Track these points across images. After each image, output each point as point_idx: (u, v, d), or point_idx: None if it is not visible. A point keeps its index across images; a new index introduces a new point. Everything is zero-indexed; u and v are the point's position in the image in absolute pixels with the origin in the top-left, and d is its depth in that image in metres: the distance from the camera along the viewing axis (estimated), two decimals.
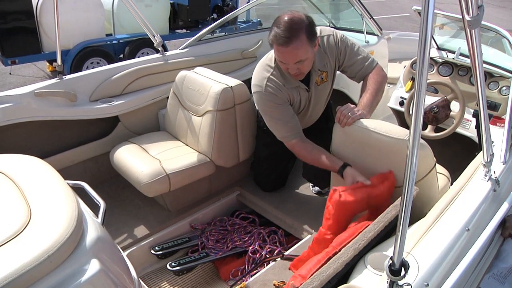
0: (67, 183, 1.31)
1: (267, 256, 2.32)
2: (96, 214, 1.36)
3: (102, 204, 1.47)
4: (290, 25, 1.85)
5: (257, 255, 2.34)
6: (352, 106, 1.87)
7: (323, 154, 2.02)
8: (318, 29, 2.13)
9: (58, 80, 2.63)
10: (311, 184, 2.78)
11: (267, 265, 2.23)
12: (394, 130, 1.76)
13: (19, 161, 1.39)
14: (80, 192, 1.43)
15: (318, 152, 2.04)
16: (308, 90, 2.21)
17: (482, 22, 1.59)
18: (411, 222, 1.59)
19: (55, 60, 2.69)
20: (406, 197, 1.03)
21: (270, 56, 2.15)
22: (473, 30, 1.37)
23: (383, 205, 1.65)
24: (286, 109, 2.13)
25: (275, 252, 2.35)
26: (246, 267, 2.31)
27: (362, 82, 2.18)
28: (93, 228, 1.17)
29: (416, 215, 1.61)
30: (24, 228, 1.06)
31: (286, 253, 2.28)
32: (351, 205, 1.68)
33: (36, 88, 2.51)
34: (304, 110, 2.32)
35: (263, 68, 2.15)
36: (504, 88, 2.75)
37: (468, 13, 1.29)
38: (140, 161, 2.48)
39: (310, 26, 1.90)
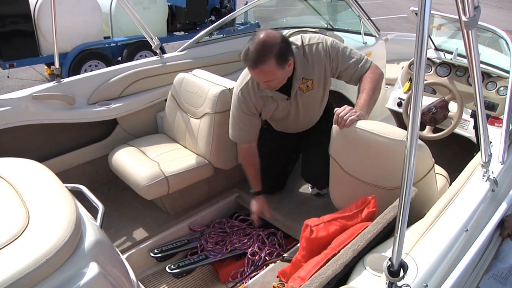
0: (66, 186, 1.31)
1: (266, 258, 2.32)
2: (95, 217, 1.36)
3: (100, 207, 1.46)
4: (261, 47, 1.89)
5: (256, 257, 2.34)
6: (350, 107, 1.87)
7: (256, 172, 2.40)
8: (306, 37, 2.16)
9: (56, 83, 2.62)
10: (309, 185, 2.77)
11: (266, 267, 2.23)
12: (392, 131, 1.76)
13: (17, 164, 1.38)
14: (78, 195, 1.43)
15: (254, 168, 2.39)
16: (288, 98, 2.22)
17: (479, 23, 1.60)
18: (410, 223, 1.60)
19: (53, 63, 2.68)
20: (404, 198, 1.03)
21: None
22: (470, 31, 1.37)
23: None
24: (249, 119, 2.25)
25: (274, 254, 2.35)
26: (246, 269, 2.31)
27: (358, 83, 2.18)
28: (92, 231, 1.17)
29: (415, 216, 1.61)
30: (23, 232, 1.06)
31: (285, 255, 2.28)
32: (323, 241, 1.66)
33: (34, 91, 2.51)
34: (293, 116, 2.34)
35: (245, 73, 2.21)
36: (502, 88, 2.76)
37: (464, 14, 1.30)
38: (138, 163, 2.48)
39: (282, 49, 1.93)
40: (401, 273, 1.07)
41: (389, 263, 1.07)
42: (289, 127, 2.48)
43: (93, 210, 1.40)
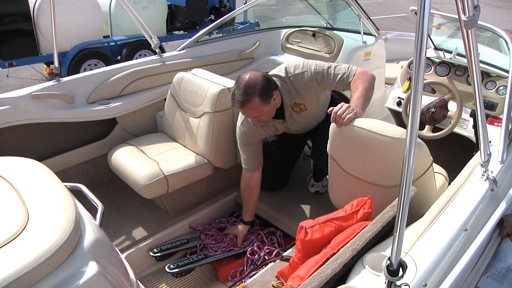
0: (65, 185, 1.31)
1: (266, 257, 2.32)
2: (94, 216, 1.36)
3: (100, 206, 1.46)
4: (245, 89, 2.07)
5: (256, 256, 2.34)
6: (346, 105, 1.88)
7: (249, 204, 2.47)
8: (291, 66, 2.25)
9: (56, 82, 2.62)
10: (309, 184, 2.78)
11: (265, 266, 2.23)
12: (390, 129, 1.76)
13: (16, 163, 1.38)
14: (77, 194, 1.43)
15: (249, 199, 2.47)
16: (284, 121, 2.37)
17: (479, 22, 1.59)
18: (409, 222, 1.60)
19: (53, 62, 2.68)
20: (404, 198, 1.03)
21: None
22: (469, 30, 1.37)
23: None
24: (250, 149, 2.41)
25: (274, 253, 2.35)
26: (245, 268, 2.31)
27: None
28: (91, 230, 1.17)
29: (414, 215, 1.61)
30: (22, 231, 1.06)
31: (284, 254, 2.28)
32: (318, 242, 1.66)
33: (33, 90, 2.50)
34: (295, 127, 2.45)
35: None
36: (501, 87, 2.76)
37: (464, 13, 1.30)
38: (138, 163, 2.48)
39: (264, 87, 2.09)
40: (400, 272, 1.07)
41: (388, 262, 1.07)
42: (294, 131, 2.55)
43: (92, 209, 1.40)
